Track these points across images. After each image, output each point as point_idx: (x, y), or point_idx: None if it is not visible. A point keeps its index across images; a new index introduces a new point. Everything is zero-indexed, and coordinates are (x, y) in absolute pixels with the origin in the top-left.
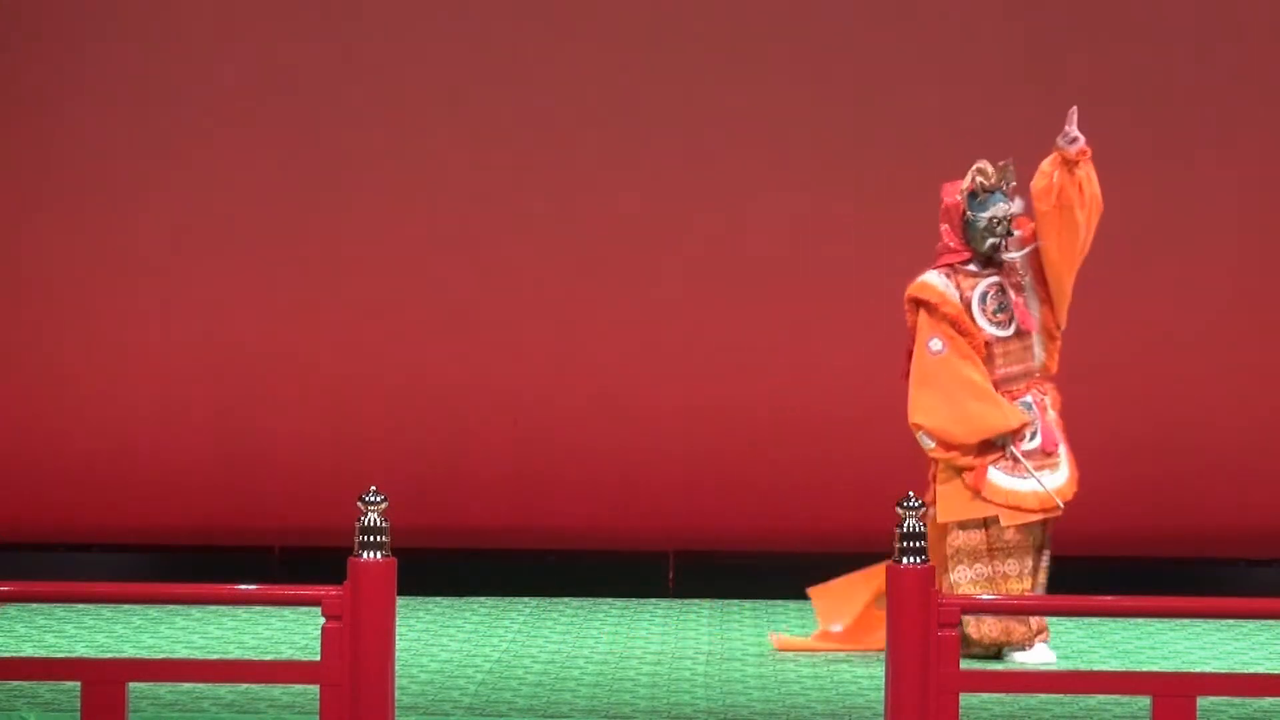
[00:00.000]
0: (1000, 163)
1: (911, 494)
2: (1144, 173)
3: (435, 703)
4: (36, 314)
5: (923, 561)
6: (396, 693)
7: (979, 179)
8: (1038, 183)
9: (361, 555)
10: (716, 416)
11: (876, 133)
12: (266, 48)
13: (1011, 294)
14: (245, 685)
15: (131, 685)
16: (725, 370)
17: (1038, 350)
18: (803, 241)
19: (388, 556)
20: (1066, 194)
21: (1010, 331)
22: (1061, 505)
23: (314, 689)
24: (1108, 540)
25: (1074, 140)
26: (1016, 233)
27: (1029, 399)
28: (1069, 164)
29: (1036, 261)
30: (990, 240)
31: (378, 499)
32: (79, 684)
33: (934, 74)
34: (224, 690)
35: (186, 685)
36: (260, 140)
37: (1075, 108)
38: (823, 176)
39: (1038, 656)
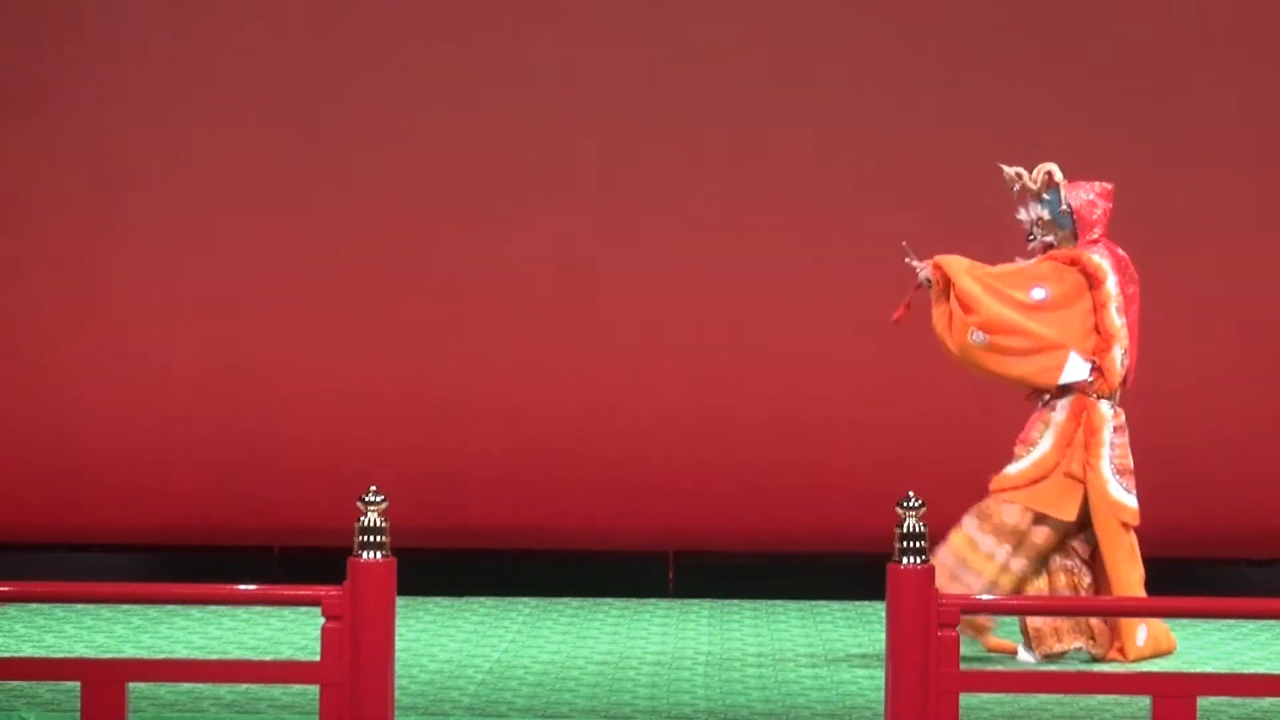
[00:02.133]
0: (1012, 170)
1: (911, 494)
2: (1143, 173)
3: (435, 703)
4: (36, 314)
5: (923, 561)
6: (396, 693)
7: None
8: None
9: (361, 555)
10: (716, 417)
11: (877, 134)
12: (267, 51)
13: None
14: (245, 685)
15: (131, 685)
16: (725, 371)
17: None
18: (803, 243)
19: (388, 556)
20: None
21: None
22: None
23: (314, 689)
24: None
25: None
26: (1041, 239)
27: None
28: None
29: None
30: None
31: (378, 499)
32: (79, 684)
33: (935, 75)
34: (224, 690)
35: (186, 685)
36: (261, 142)
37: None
38: (824, 178)
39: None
